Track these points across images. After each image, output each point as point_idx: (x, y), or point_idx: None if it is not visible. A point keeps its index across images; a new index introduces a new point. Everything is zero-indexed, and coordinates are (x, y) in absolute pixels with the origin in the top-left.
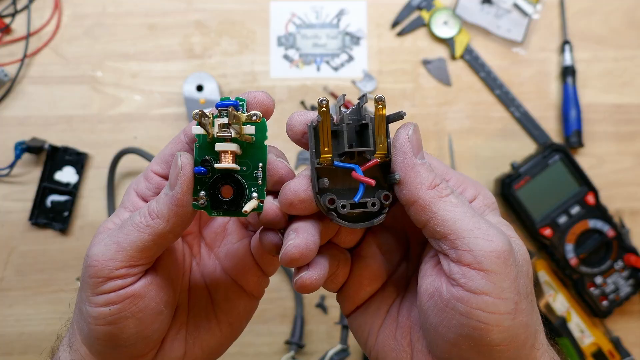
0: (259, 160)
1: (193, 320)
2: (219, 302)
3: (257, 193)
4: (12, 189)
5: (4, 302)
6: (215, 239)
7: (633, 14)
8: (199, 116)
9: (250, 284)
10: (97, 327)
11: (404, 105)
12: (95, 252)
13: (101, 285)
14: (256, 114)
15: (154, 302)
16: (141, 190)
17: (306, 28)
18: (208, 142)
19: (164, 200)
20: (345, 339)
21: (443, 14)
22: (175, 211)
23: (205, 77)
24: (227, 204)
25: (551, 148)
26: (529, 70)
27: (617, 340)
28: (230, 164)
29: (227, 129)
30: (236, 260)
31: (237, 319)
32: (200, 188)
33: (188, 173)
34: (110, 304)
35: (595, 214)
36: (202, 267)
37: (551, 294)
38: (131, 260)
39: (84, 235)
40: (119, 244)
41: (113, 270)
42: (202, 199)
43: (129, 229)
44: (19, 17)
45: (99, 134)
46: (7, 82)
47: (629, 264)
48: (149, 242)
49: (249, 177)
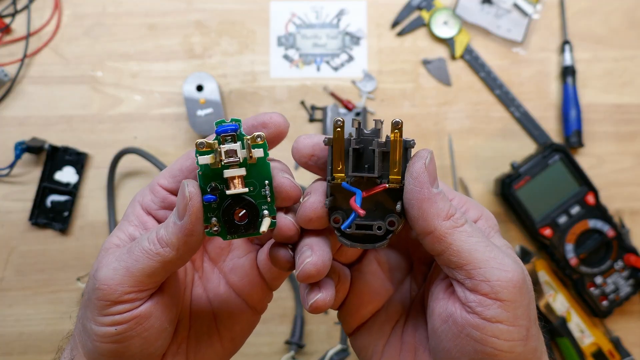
0: (265, 178)
1: (194, 335)
2: (222, 317)
3: (267, 210)
4: (12, 189)
5: (4, 302)
6: (220, 254)
7: (633, 14)
8: (206, 145)
9: (255, 299)
10: (102, 345)
11: (404, 105)
12: (103, 275)
13: (108, 308)
14: (260, 136)
15: (159, 321)
16: (146, 203)
17: (306, 28)
18: (212, 169)
19: (173, 229)
20: (345, 339)
21: (443, 14)
22: (185, 240)
23: (205, 77)
24: (243, 228)
25: (551, 148)
26: (529, 70)
27: (617, 340)
28: (242, 188)
29: (234, 154)
30: (242, 274)
31: (239, 333)
32: (210, 215)
33: (197, 204)
34: (117, 325)
35: (595, 214)
36: (205, 282)
37: (551, 294)
38: (140, 285)
39: (84, 235)
40: (127, 269)
41: (122, 295)
42: (215, 225)
43: (138, 255)
44: (19, 17)
45: (99, 134)
46: (7, 82)
47: (629, 264)
48: (157, 269)
49: (257, 196)
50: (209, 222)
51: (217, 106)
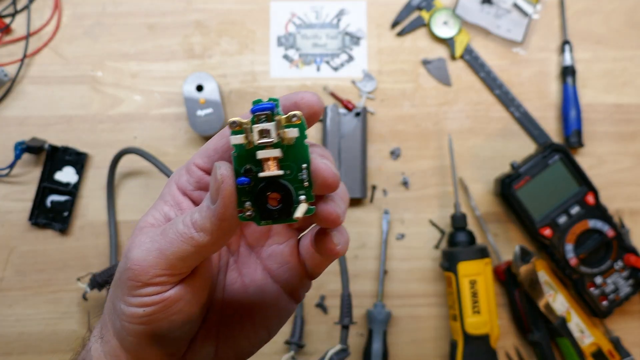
0: (302, 162)
1: (226, 321)
2: (257, 304)
3: (304, 196)
4: (12, 189)
5: (4, 302)
6: (259, 238)
7: (633, 14)
8: (239, 124)
9: (293, 287)
10: (130, 325)
11: (404, 105)
12: (136, 255)
13: (138, 289)
14: (296, 115)
15: (188, 305)
16: (182, 183)
17: (306, 28)
18: (246, 150)
19: (207, 214)
20: (345, 339)
21: (443, 14)
22: (219, 225)
23: (205, 77)
24: (277, 212)
25: (551, 148)
26: (528, 70)
27: (617, 340)
28: (275, 170)
29: (267, 134)
30: (281, 261)
31: (274, 322)
32: (244, 199)
33: (229, 187)
34: (145, 306)
35: (595, 214)
36: (241, 266)
37: (551, 294)
38: (172, 269)
39: (84, 235)
40: (161, 251)
41: (153, 277)
42: (249, 209)
43: (172, 238)
44: (19, 17)
45: (99, 134)
46: (7, 82)
47: (629, 264)
48: (191, 253)
49: (293, 180)
50: (242, 207)
51: (217, 106)
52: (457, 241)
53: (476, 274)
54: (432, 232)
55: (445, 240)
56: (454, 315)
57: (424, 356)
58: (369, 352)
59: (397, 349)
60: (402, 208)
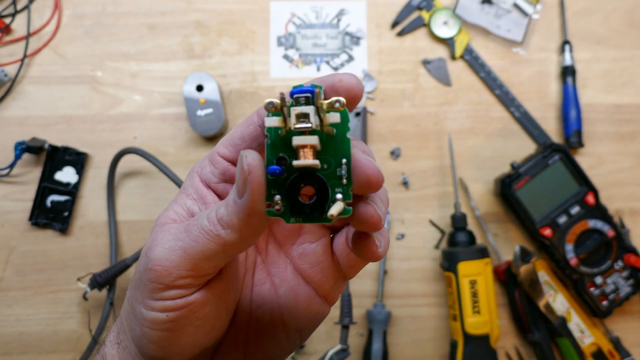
0: (343, 156)
1: (255, 325)
2: (288, 306)
3: (341, 194)
4: (12, 189)
5: (4, 302)
6: (289, 237)
7: (633, 14)
8: (275, 106)
9: (326, 288)
10: (152, 332)
11: (404, 105)
12: (158, 255)
13: (161, 292)
14: (339, 101)
15: (215, 309)
16: (205, 175)
17: (306, 28)
18: (281, 138)
19: (233, 209)
20: (345, 339)
21: (443, 14)
22: (247, 221)
23: (205, 77)
24: (309, 208)
25: (551, 148)
26: (528, 70)
27: (617, 340)
28: (312, 160)
29: (306, 119)
30: (313, 261)
31: (307, 324)
32: (274, 192)
33: (258, 178)
34: (168, 311)
35: (595, 214)
36: (269, 266)
37: (551, 294)
38: (197, 269)
39: (84, 235)
40: (185, 250)
41: (177, 279)
42: (278, 204)
43: (197, 235)
44: (19, 17)
45: (99, 134)
46: (7, 82)
47: (629, 264)
48: (218, 252)
49: (330, 176)
50: (271, 200)
51: (217, 106)
52: (457, 241)
53: (476, 274)
54: (432, 232)
55: (445, 240)
56: (454, 315)
57: (424, 356)
58: (369, 352)
59: (397, 349)
60: (402, 208)
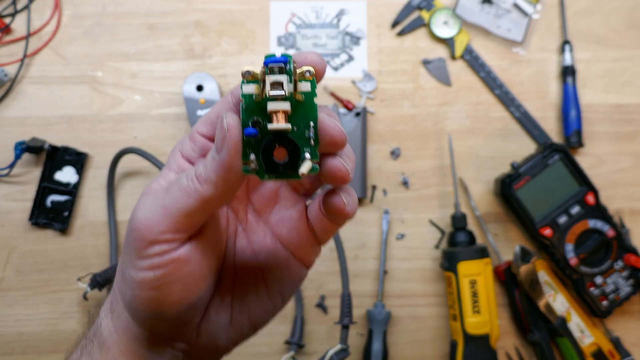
0: (310, 119)
1: (240, 288)
2: (269, 269)
3: (310, 154)
4: (12, 189)
5: (4, 302)
6: (267, 205)
7: (633, 14)
8: (252, 74)
9: (303, 252)
10: (142, 293)
11: (403, 105)
12: (140, 215)
13: (146, 250)
14: (309, 71)
15: (198, 267)
16: (186, 151)
17: (306, 28)
18: (255, 103)
19: (211, 164)
20: (345, 339)
21: (443, 14)
22: (224, 176)
23: (205, 77)
24: (282, 167)
25: (551, 148)
26: (528, 70)
27: (617, 340)
28: (284, 123)
29: (280, 87)
30: (290, 226)
31: (287, 286)
32: (249, 151)
33: (236, 135)
34: (155, 269)
35: (595, 214)
36: (250, 234)
37: (551, 294)
38: (178, 225)
39: (84, 235)
40: (165, 208)
41: (159, 235)
42: (253, 162)
43: (176, 193)
44: (19, 17)
45: (99, 134)
46: (7, 82)
47: (629, 264)
48: (196, 207)
49: (300, 137)
50: (247, 159)
51: None
52: (457, 241)
53: (476, 274)
54: (432, 232)
55: (445, 240)
56: (454, 315)
57: (424, 356)
58: (369, 352)
59: (397, 349)
60: (402, 208)
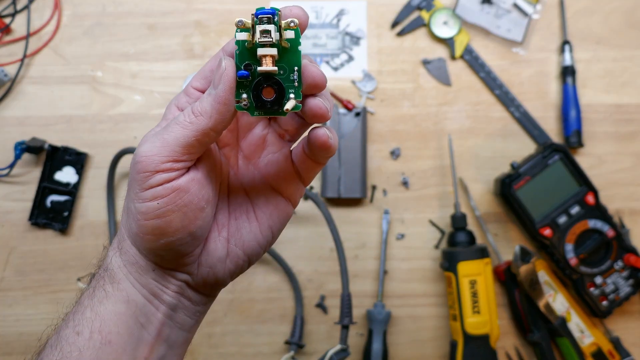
0: (295, 64)
1: (234, 222)
2: (260, 205)
3: (294, 94)
4: (12, 189)
5: (4, 302)
6: (255, 151)
7: (633, 14)
8: (244, 23)
9: (289, 191)
10: (146, 222)
11: (403, 105)
12: (142, 149)
13: (148, 179)
14: (294, 21)
15: (197, 197)
16: (182, 104)
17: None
18: (248, 49)
19: (207, 99)
20: (345, 339)
21: (443, 14)
22: (218, 109)
23: None
24: (269, 104)
25: (551, 148)
26: (528, 70)
27: (617, 340)
28: (272, 67)
29: (268, 34)
30: (277, 168)
31: (276, 222)
32: (242, 91)
33: (231, 73)
34: (158, 198)
35: (595, 214)
36: (241, 176)
37: (551, 294)
38: (175, 155)
39: (84, 235)
40: (164, 140)
41: (159, 164)
42: (245, 100)
43: (173, 127)
44: (19, 17)
45: (99, 134)
46: (7, 82)
47: (628, 264)
48: (192, 138)
49: (285, 80)
50: (239, 98)
51: None
52: (457, 241)
53: (476, 274)
54: (432, 232)
55: (445, 240)
56: (454, 315)
57: (424, 356)
58: (369, 352)
59: (397, 349)
60: (402, 208)
